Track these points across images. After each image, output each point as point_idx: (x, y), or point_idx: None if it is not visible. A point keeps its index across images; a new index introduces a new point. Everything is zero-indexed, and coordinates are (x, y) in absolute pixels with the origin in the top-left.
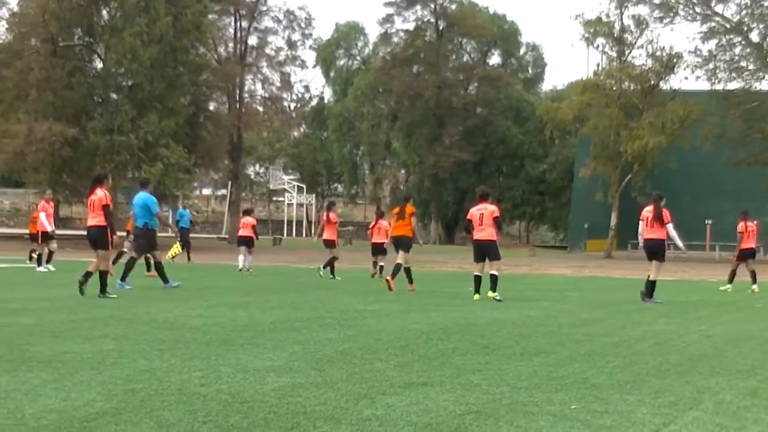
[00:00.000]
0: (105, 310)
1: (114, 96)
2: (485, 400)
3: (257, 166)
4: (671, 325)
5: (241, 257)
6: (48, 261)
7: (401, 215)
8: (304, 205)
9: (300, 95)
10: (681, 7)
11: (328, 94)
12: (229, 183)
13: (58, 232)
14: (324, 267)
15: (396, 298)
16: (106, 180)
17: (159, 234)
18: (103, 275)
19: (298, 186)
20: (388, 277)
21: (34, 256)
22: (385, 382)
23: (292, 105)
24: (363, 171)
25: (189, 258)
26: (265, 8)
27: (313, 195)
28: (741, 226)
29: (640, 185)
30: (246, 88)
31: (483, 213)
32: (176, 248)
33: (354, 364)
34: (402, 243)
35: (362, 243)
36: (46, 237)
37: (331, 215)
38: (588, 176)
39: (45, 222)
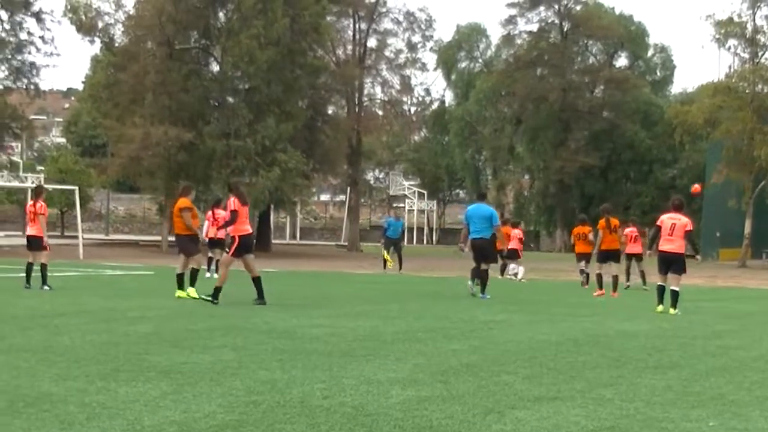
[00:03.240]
0: (223, 320)
1: (230, 100)
2: (618, 416)
3: (377, 171)
4: None
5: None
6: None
7: (609, 228)
8: (425, 212)
9: (420, 98)
10: None
11: (449, 98)
12: (348, 188)
13: (171, 238)
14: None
15: (522, 308)
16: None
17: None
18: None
19: (418, 192)
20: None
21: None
22: (514, 395)
23: (413, 108)
24: (485, 176)
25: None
26: (384, 10)
27: (434, 201)
28: None
29: None
30: (365, 92)
31: (675, 224)
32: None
33: (480, 376)
34: (612, 256)
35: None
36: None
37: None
38: (720, 182)
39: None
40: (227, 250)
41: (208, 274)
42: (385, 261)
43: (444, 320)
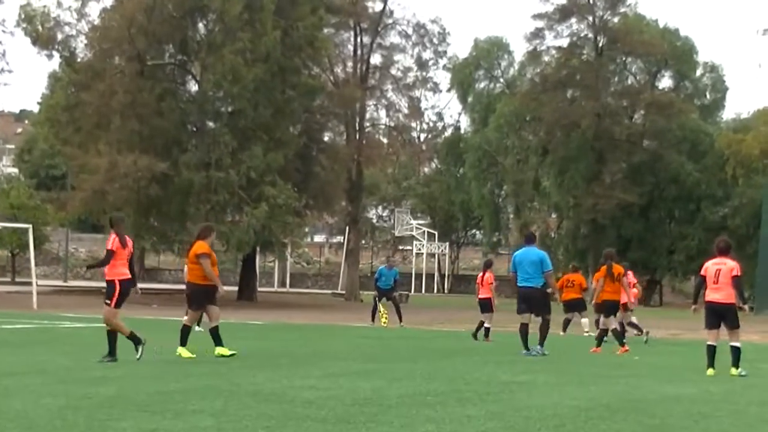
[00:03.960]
0: (201, 380)
1: (211, 124)
2: None
3: (380, 208)
4: None
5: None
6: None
7: (611, 276)
8: (436, 255)
9: (432, 124)
10: None
11: (465, 123)
12: (347, 228)
13: (141, 285)
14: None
15: (548, 368)
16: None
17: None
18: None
19: (428, 232)
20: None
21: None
22: None
23: (422, 136)
24: (507, 215)
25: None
26: (391, 21)
27: (447, 243)
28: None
29: None
30: (367, 116)
31: (721, 269)
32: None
33: None
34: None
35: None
36: None
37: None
38: None
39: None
40: (107, 301)
41: (198, 328)
42: (373, 313)
43: (457, 381)
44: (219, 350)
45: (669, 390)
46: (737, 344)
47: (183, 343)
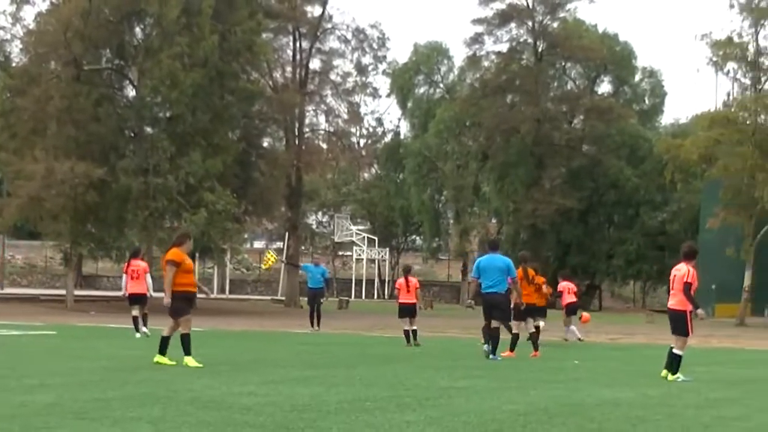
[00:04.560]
0: (139, 387)
1: (149, 130)
2: None
3: (320, 213)
4: None
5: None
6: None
7: (527, 279)
8: (376, 261)
9: (371, 129)
10: None
11: (404, 129)
12: (286, 234)
13: (79, 292)
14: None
15: (488, 374)
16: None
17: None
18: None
19: (368, 238)
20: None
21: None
22: None
23: (362, 141)
24: (446, 220)
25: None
26: (330, 26)
27: (387, 249)
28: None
29: None
30: (307, 121)
31: (676, 275)
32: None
33: None
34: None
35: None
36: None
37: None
38: (717, 227)
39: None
40: None
41: (138, 335)
42: (311, 318)
43: (397, 387)
44: (159, 358)
45: (607, 394)
46: (678, 352)
47: (187, 353)
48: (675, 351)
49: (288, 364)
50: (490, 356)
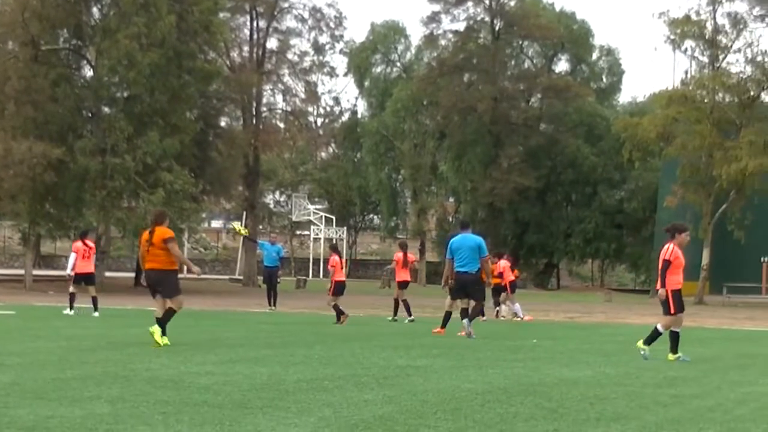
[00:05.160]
0: (97, 367)
1: (107, 110)
2: None
3: (277, 193)
4: None
5: None
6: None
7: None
8: (334, 240)
9: (329, 109)
10: None
11: (361, 108)
12: (244, 214)
13: (37, 272)
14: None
15: (446, 353)
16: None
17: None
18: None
19: (326, 217)
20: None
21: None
22: None
23: (319, 120)
24: (404, 199)
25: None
26: (287, 5)
27: (344, 228)
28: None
29: (738, 216)
30: (264, 101)
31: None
32: None
33: (396, 431)
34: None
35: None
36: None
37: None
38: (675, 206)
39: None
40: None
41: (68, 311)
42: (268, 298)
43: (355, 366)
44: (161, 338)
45: (566, 373)
46: (675, 330)
47: (162, 326)
48: (673, 329)
49: (246, 343)
50: (473, 335)
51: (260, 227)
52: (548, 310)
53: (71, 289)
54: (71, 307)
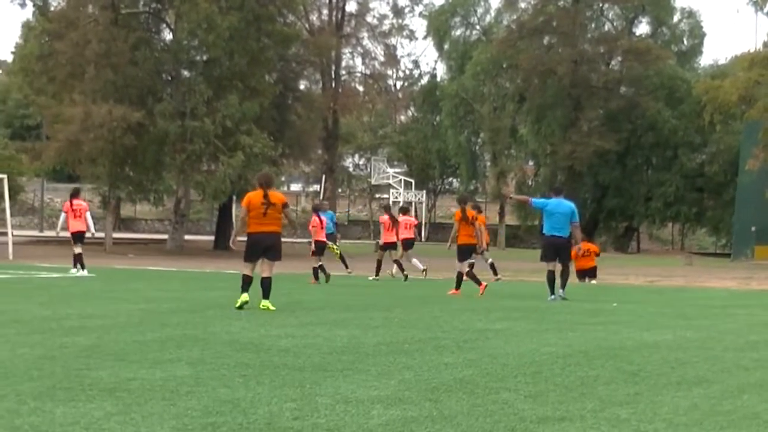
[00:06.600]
0: (178, 329)
1: (186, 73)
2: None
3: (357, 156)
4: None
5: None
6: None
7: (466, 220)
8: (413, 203)
9: (408, 72)
10: None
11: (441, 71)
12: (323, 177)
13: (117, 235)
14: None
15: (525, 316)
16: None
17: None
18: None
19: (405, 181)
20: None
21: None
22: (515, 416)
23: (399, 84)
24: (483, 163)
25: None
26: None
27: (423, 191)
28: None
29: None
30: (343, 64)
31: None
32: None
33: (476, 394)
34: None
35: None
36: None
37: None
38: (756, 169)
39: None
40: None
41: (74, 271)
42: (343, 261)
43: (434, 329)
44: (265, 303)
45: (647, 337)
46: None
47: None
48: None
49: (325, 307)
50: (550, 298)
51: (339, 191)
52: (628, 274)
53: (77, 250)
54: (82, 267)
